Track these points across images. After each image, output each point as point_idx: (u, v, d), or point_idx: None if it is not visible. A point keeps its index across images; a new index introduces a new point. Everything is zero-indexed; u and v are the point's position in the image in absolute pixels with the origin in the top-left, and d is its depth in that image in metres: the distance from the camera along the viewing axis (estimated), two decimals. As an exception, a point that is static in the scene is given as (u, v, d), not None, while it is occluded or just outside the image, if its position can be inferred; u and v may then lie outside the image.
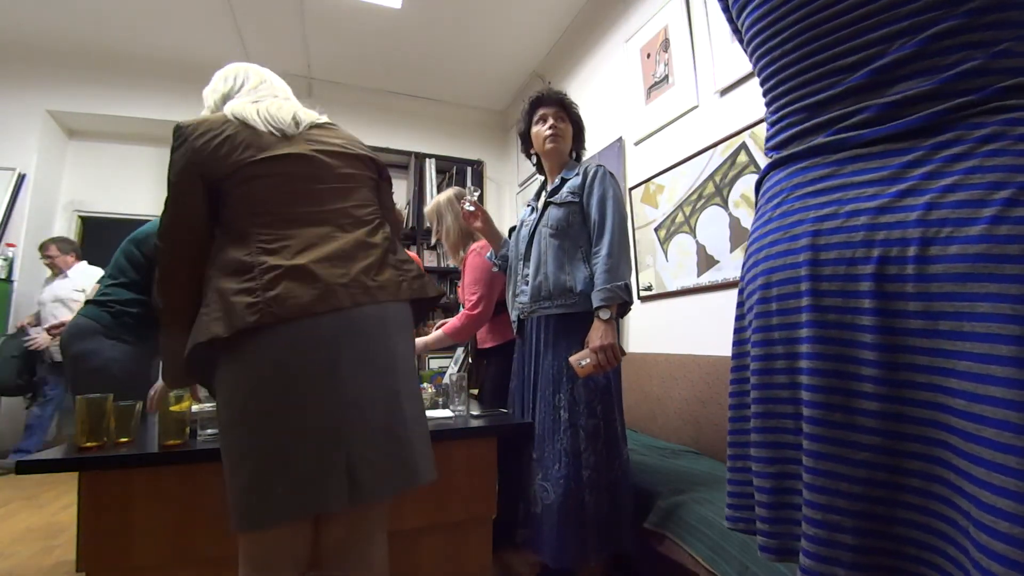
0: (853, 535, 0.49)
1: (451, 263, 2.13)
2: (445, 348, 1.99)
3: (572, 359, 1.33)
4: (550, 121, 1.53)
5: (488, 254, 1.83)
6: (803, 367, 0.54)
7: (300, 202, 0.93)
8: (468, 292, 1.88)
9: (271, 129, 0.96)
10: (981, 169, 0.44)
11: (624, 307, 1.38)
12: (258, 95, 1.04)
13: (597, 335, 1.30)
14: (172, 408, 1.13)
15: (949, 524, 0.47)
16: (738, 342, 0.69)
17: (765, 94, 0.66)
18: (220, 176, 0.92)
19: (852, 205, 0.51)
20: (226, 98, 1.06)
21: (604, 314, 1.31)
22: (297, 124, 1.00)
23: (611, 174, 1.48)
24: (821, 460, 0.51)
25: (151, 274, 1.62)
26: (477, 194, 1.70)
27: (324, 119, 1.07)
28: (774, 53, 0.61)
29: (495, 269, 1.80)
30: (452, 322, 1.88)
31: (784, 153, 0.60)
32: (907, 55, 0.50)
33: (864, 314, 0.50)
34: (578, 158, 1.64)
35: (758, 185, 0.68)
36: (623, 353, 1.33)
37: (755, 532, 0.64)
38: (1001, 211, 0.42)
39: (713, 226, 2.10)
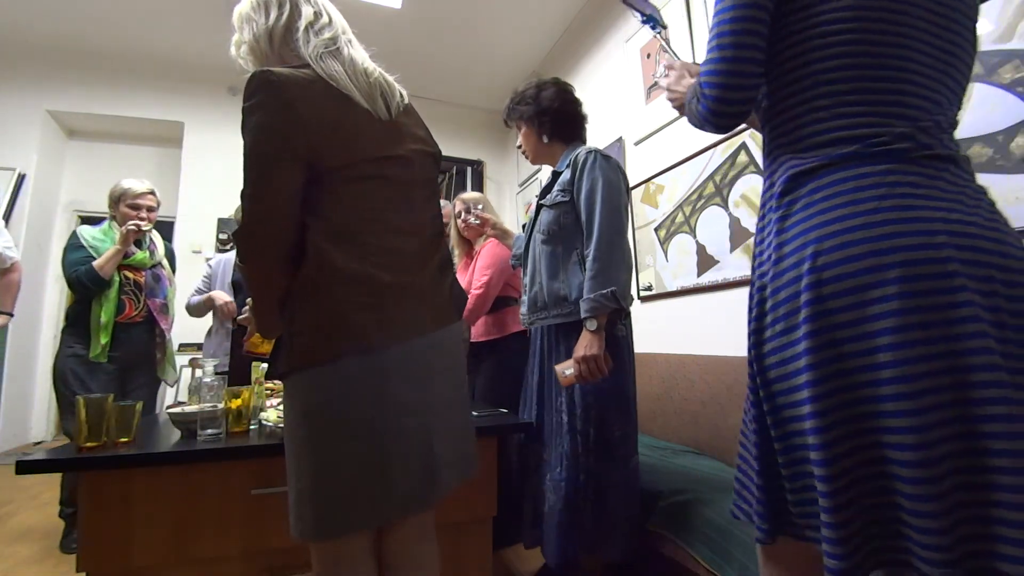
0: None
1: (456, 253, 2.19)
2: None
3: (557, 368, 1.30)
4: (518, 139, 1.56)
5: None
6: (973, 364, 0.54)
7: (400, 210, 0.88)
8: (480, 274, 1.95)
9: (371, 107, 0.85)
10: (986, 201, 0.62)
11: (617, 313, 1.30)
12: (325, 37, 0.87)
13: (582, 346, 1.25)
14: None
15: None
16: (786, 344, 0.63)
17: (827, 91, 0.65)
18: (331, 166, 0.80)
19: (959, 213, 0.59)
20: (271, 34, 0.89)
21: (591, 325, 1.25)
22: (387, 104, 0.89)
23: (604, 157, 1.34)
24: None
25: None
26: (480, 207, 1.83)
27: (407, 96, 0.96)
28: (887, 47, 0.63)
29: (513, 266, 1.83)
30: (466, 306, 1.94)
31: (874, 149, 0.62)
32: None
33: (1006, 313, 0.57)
34: (571, 138, 1.50)
35: (806, 173, 0.64)
36: (610, 364, 1.27)
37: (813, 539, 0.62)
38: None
39: (713, 226, 2.10)
